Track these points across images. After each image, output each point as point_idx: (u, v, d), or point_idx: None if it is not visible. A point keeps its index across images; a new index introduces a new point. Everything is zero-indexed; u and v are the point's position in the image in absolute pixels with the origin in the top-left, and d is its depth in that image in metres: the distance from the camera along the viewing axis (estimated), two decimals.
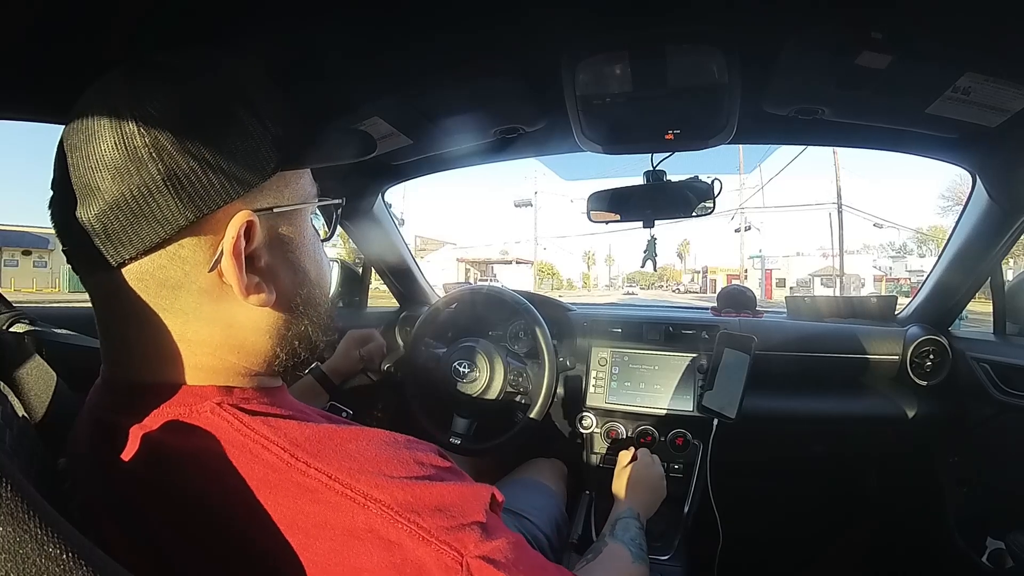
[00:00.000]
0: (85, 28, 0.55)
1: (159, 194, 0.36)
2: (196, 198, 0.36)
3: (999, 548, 1.17)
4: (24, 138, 52.81)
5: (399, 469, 0.38)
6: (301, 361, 0.46)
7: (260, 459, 0.36)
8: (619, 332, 1.39)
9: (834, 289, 19.71)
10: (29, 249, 20.93)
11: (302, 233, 0.44)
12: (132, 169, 0.35)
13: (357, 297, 1.63)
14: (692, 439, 1.24)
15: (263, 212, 0.40)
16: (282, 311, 0.43)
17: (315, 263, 0.46)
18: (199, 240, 0.38)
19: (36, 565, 0.25)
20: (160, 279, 0.38)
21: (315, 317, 0.46)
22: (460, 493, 0.39)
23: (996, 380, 1.15)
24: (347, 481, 0.36)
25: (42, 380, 0.53)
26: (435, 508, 0.37)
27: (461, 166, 1.33)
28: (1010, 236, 1.09)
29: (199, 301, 0.39)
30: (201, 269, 0.38)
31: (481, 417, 1.23)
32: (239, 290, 0.39)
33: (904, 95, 0.83)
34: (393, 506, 0.35)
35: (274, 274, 0.42)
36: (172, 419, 0.38)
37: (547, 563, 0.44)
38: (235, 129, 0.39)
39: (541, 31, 0.74)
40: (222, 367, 0.41)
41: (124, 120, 0.35)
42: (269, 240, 0.41)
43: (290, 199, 0.43)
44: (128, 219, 0.36)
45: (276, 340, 0.43)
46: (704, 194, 1.09)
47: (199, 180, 0.36)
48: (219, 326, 0.40)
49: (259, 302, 0.40)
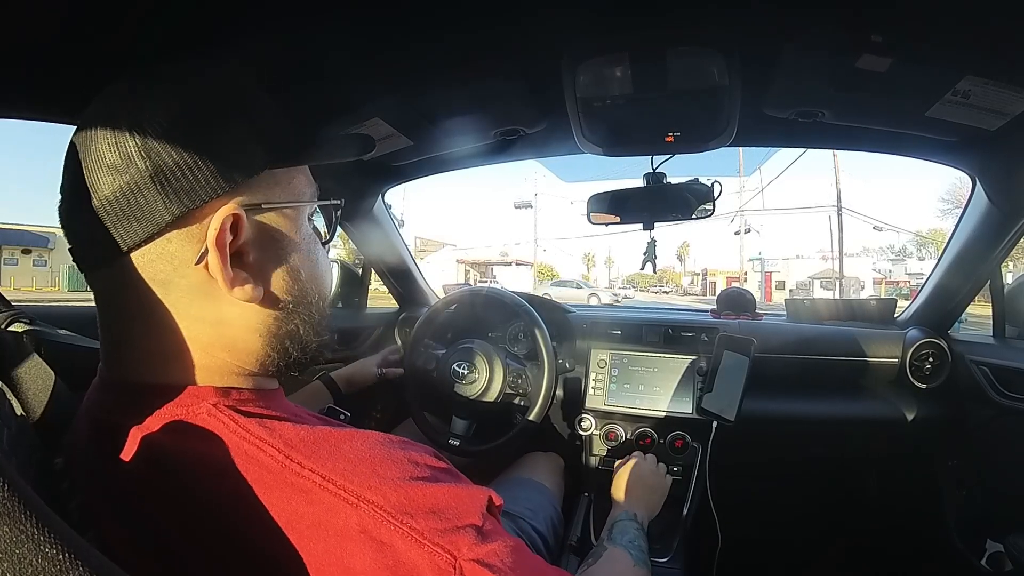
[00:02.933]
0: (86, 28, 0.55)
1: (146, 190, 0.37)
2: (182, 193, 0.38)
3: (998, 551, 1.17)
4: (24, 137, 52.84)
5: (393, 470, 0.38)
6: (294, 361, 0.46)
7: (256, 460, 0.37)
8: (618, 334, 1.39)
9: (833, 292, 19.69)
10: (29, 248, 20.91)
11: (296, 232, 0.44)
12: (123, 167, 0.37)
13: (357, 298, 1.63)
14: (691, 441, 1.24)
15: (251, 208, 0.41)
16: (271, 308, 0.43)
17: (309, 263, 0.46)
18: (186, 234, 0.39)
19: (33, 565, 0.25)
20: (151, 274, 0.39)
21: (306, 316, 0.45)
22: (455, 495, 0.39)
23: (995, 383, 1.15)
24: (340, 482, 0.36)
25: (40, 379, 0.53)
26: (429, 510, 0.37)
27: (461, 167, 1.33)
28: (1009, 239, 1.09)
29: (189, 298, 0.40)
30: (188, 263, 0.39)
31: (480, 418, 1.23)
32: (223, 282, 0.39)
33: (904, 98, 0.83)
34: (386, 507, 0.36)
35: (263, 271, 0.42)
36: (170, 420, 0.38)
37: (547, 567, 0.44)
38: (223, 127, 0.40)
39: (542, 33, 0.74)
40: (216, 366, 0.42)
41: (120, 124, 0.37)
42: (259, 237, 0.42)
43: (282, 197, 0.43)
44: (119, 215, 0.37)
45: (266, 339, 0.43)
46: (704, 196, 1.09)
47: (185, 176, 0.38)
48: (209, 323, 0.41)
49: (244, 296, 0.40)
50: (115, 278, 0.39)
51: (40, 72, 0.61)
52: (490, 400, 1.21)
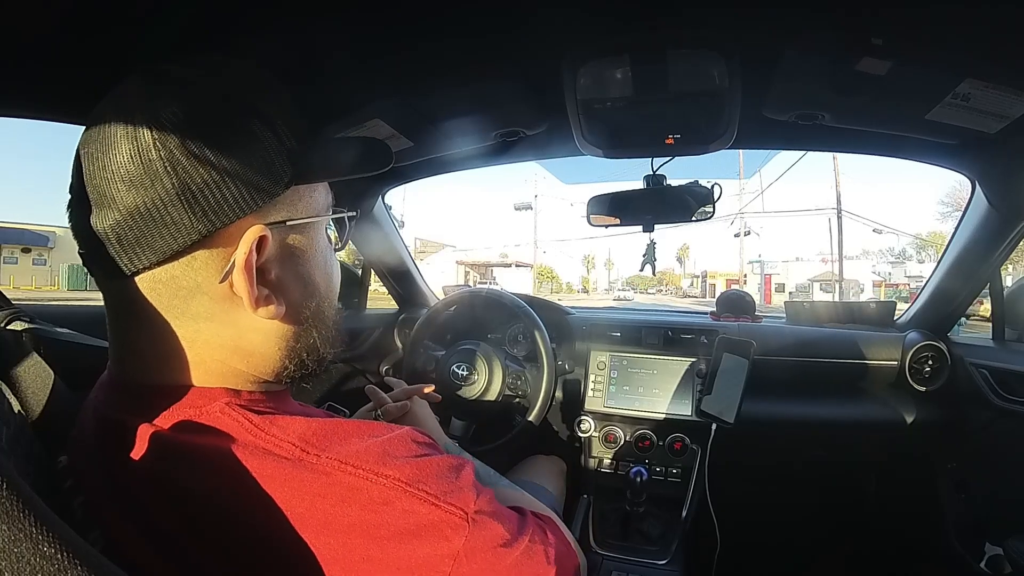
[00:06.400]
0: (87, 28, 0.55)
1: (172, 207, 0.36)
2: (209, 212, 0.37)
3: (997, 554, 1.16)
4: (24, 136, 52.84)
5: (401, 449, 0.41)
6: (309, 373, 0.47)
7: (272, 456, 0.37)
8: (618, 336, 1.39)
9: (833, 294, 19.70)
10: (28, 247, 20.89)
11: (314, 246, 0.45)
12: (147, 182, 0.36)
13: (356, 299, 1.63)
14: (690, 443, 1.24)
15: (276, 226, 0.41)
16: (291, 323, 0.44)
17: (325, 276, 0.47)
18: (211, 252, 0.38)
19: (31, 565, 0.25)
20: (173, 288, 0.38)
21: (323, 329, 0.46)
22: (450, 463, 0.43)
23: (995, 386, 1.15)
24: (358, 463, 0.38)
25: (39, 378, 0.53)
26: (436, 476, 0.40)
27: (461, 169, 1.33)
28: (1009, 242, 1.10)
29: (210, 309, 0.40)
30: (212, 279, 0.39)
31: (479, 420, 1.23)
32: (249, 303, 0.39)
33: (904, 101, 0.83)
34: (403, 480, 0.38)
35: (284, 287, 0.42)
36: (182, 418, 0.39)
37: (514, 496, 0.55)
38: (249, 144, 0.39)
39: (542, 35, 0.74)
40: (231, 373, 0.42)
41: (140, 133, 0.36)
42: (281, 253, 0.42)
43: (304, 212, 0.43)
44: (142, 230, 0.36)
45: (285, 351, 0.44)
46: (704, 199, 1.09)
47: (212, 194, 0.37)
48: (229, 334, 0.41)
49: (268, 315, 0.41)
50: (133, 289, 0.39)
51: (42, 71, 0.61)
52: (489, 401, 1.21)
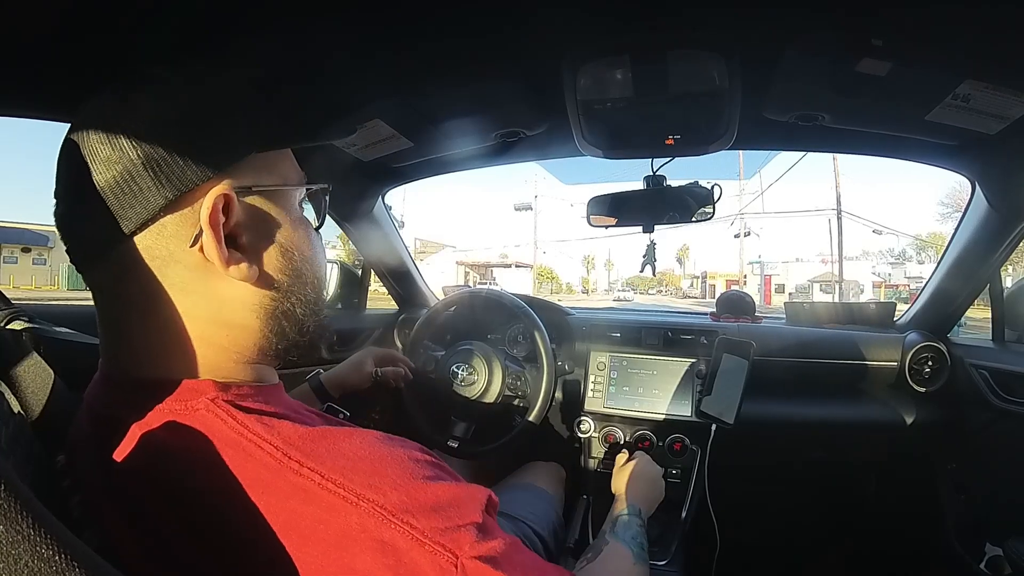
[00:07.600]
0: (87, 28, 0.55)
1: (140, 177, 0.39)
2: (173, 177, 0.39)
3: (997, 555, 1.16)
4: (24, 136, 52.82)
5: (393, 468, 0.38)
6: (292, 344, 0.47)
7: (253, 458, 0.37)
8: (618, 336, 1.39)
9: (833, 295, 19.69)
10: (28, 246, 20.88)
11: (287, 215, 0.46)
12: (116, 158, 0.39)
13: (356, 299, 1.63)
14: (690, 444, 1.24)
15: (241, 191, 0.42)
16: (267, 288, 0.44)
17: (302, 244, 0.47)
18: (180, 217, 0.40)
19: (29, 566, 0.24)
20: (149, 258, 0.40)
21: (302, 296, 0.46)
22: (455, 493, 0.39)
23: (994, 387, 1.15)
24: (340, 481, 0.36)
25: (39, 378, 0.53)
26: (430, 508, 0.37)
27: (462, 169, 1.33)
28: (1009, 243, 1.10)
29: (185, 278, 0.41)
30: (184, 245, 0.40)
31: (479, 420, 1.23)
32: (219, 261, 0.40)
33: (904, 102, 0.83)
34: (386, 506, 0.35)
35: (256, 251, 0.44)
36: (169, 414, 0.39)
37: (544, 564, 0.44)
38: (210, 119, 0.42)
39: (542, 35, 0.74)
40: (215, 356, 0.42)
41: (111, 122, 0.39)
42: (250, 219, 0.43)
43: (270, 181, 0.45)
44: (117, 202, 0.39)
45: (263, 319, 0.44)
46: (704, 199, 1.09)
47: (176, 161, 0.39)
48: (207, 306, 0.42)
49: (240, 275, 0.42)
50: (114, 266, 0.40)
51: (42, 71, 0.61)
52: (489, 402, 1.20)
